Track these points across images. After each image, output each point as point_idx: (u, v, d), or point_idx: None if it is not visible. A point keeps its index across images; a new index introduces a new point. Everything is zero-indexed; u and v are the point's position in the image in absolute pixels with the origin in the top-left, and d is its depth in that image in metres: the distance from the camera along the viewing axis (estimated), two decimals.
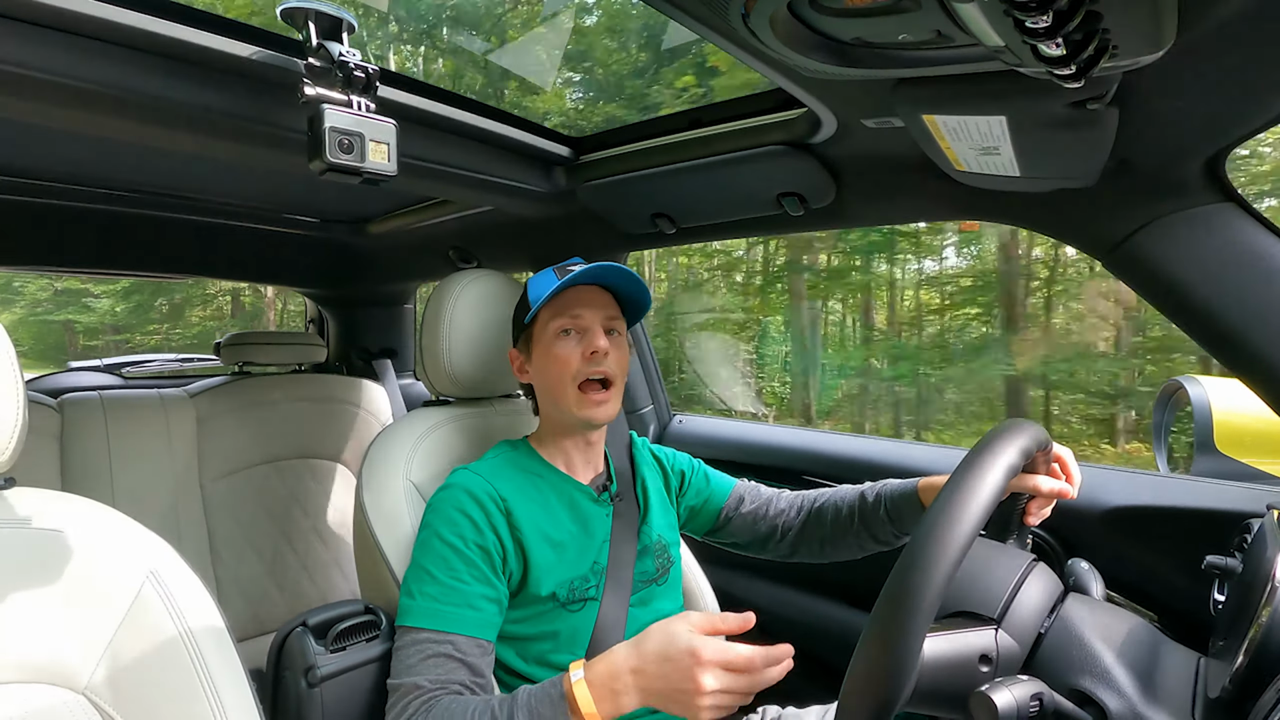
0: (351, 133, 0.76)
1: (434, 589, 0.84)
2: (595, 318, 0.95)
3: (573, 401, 0.93)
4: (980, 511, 0.56)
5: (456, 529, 0.87)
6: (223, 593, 1.61)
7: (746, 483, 1.16)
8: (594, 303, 0.96)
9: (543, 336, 0.96)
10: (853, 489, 1.06)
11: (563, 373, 0.93)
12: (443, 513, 0.89)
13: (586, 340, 0.94)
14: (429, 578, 0.85)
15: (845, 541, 1.04)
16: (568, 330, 0.94)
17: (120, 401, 1.62)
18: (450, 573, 0.84)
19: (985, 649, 0.62)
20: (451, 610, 0.83)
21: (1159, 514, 0.98)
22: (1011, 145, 0.73)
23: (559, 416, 0.98)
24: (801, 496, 1.11)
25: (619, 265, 0.93)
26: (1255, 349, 0.75)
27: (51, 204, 1.48)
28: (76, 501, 0.67)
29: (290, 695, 0.92)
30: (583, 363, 0.93)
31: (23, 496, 0.65)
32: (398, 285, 2.21)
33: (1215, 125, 0.69)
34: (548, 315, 0.95)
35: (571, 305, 0.94)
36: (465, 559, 0.85)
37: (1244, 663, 0.55)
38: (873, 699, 0.54)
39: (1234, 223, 0.76)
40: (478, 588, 0.85)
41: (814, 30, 0.59)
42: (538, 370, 0.98)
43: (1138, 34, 0.49)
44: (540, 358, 0.97)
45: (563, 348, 0.94)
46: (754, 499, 1.13)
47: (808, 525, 1.08)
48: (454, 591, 0.84)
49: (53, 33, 0.68)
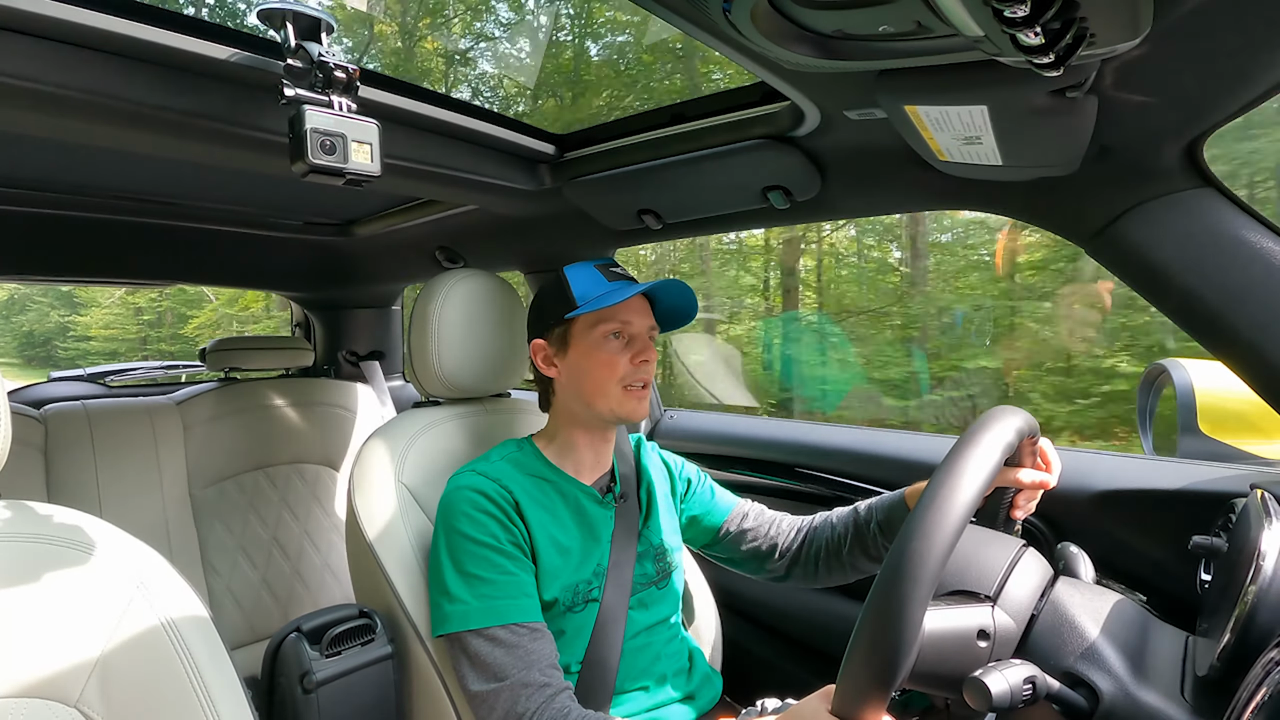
0: (333, 133, 0.75)
1: (487, 588, 0.86)
2: (643, 326, 0.98)
3: (615, 400, 0.96)
4: (978, 483, 0.57)
5: (485, 529, 0.88)
6: (215, 600, 1.60)
7: (750, 503, 1.17)
8: (642, 310, 0.99)
9: (587, 336, 0.97)
10: (847, 509, 1.07)
11: (609, 375, 0.95)
12: (466, 515, 0.89)
13: (635, 347, 0.97)
14: (477, 579, 0.86)
15: (838, 559, 1.04)
16: (617, 334, 0.96)
17: (105, 411, 1.60)
18: (496, 569, 0.87)
19: (983, 624, 0.63)
20: (512, 602, 0.86)
21: (1146, 497, 1.00)
22: (993, 134, 0.73)
23: (586, 414, 0.99)
24: (800, 521, 1.12)
25: (681, 283, 0.98)
26: (1236, 331, 0.76)
27: (28, 211, 1.45)
28: (63, 513, 0.66)
29: (286, 702, 0.92)
30: (630, 368, 0.96)
31: (7, 509, 0.64)
32: (384, 287, 2.20)
33: (1193, 111, 0.70)
34: (594, 317, 0.96)
35: (621, 311, 0.96)
36: (505, 554, 0.88)
37: (1231, 640, 0.56)
38: (874, 673, 0.54)
39: (1213, 207, 0.77)
40: (524, 576, 0.88)
41: (795, 23, 0.59)
42: (574, 368, 0.98)
43: (1115, 22, 0.49)
44: (581, 357, 0.97)
45: (611, 351, 0.96)
46: (756, 518, 1.13)
47: (804, 545, 1.08)
48: (508, 585, 0.86)
49: (26, 38, 0.67)
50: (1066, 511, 1.07)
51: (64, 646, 0.60)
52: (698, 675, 1.04)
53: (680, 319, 1.05)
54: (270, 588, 1.69)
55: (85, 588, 0.62)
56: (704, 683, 1.05)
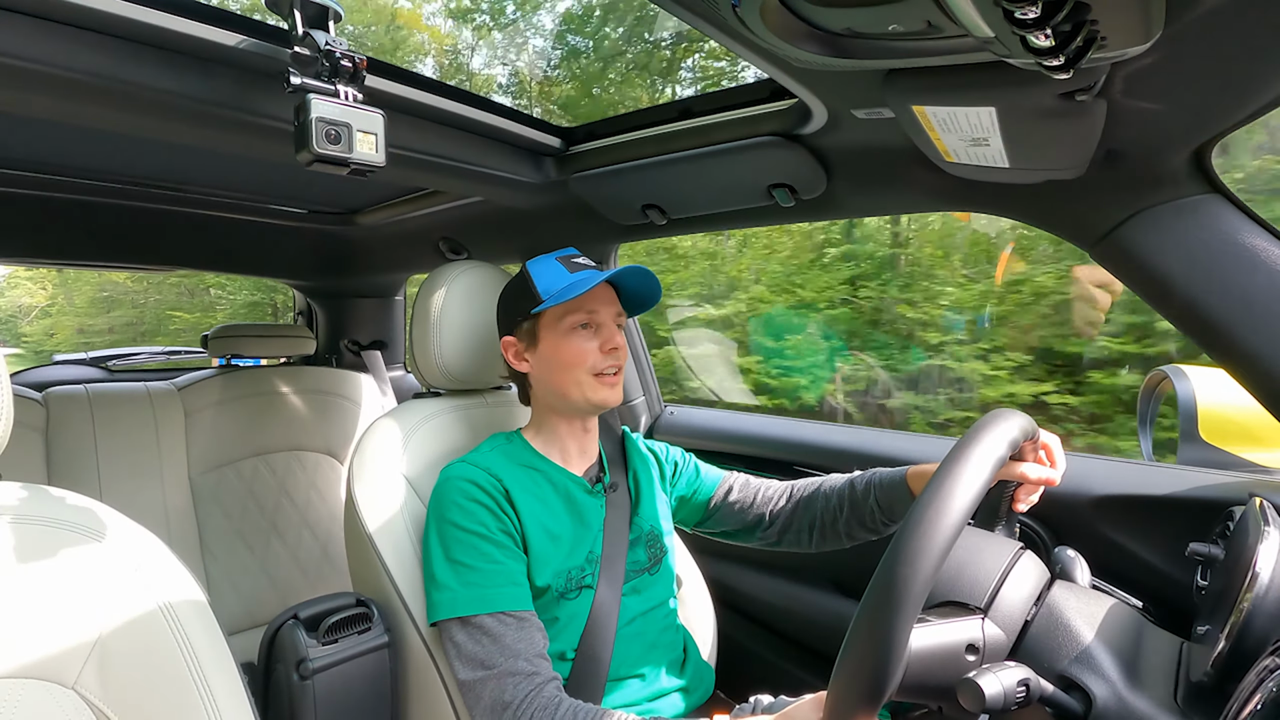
0: (338, 123, 0.75)
1: (475, 576, 0.86)
2: (609, 314, 0.99)
3: (589, 388, 0.97)
4: (967, 504, 0.57)
5: (475, 518, 0.89)
6: (213, 585, 1.61)
7: (736, 474, 1.17)
8: (608, 299, 1.00)
9: (555, 329, 0.98)
10: (842, 477, 1.07)
11: (579, 365, 0.97)
12: (456, 504, 0.90)
13: (603, 336, 0.98)
14: (465, 567, 0.87)
15: (834, 529, 1.05)
16: (585, 324, 0.97)
17: (106, 395, 1.61)
18: (484, 557, 0.87)
19: (972, 639, 0.63)
20: (500, 590, 0.86)
21: (1144, 502, 1.00)
22: (1000, 136, 0.73)
23: (562, 405, 1.00)
24: (791, 485, 1.13)
25: (642, 268, 0.98)
26: (1239, 339, 0.76)
27: (33, 194, 1.45)
28: (63, 496, 0.67)
29: (282, 688, 0.92)
30: (600, 357, 0.97)
31: (7, 491, 0.64)
32: (387, 277, 2.20)
33: (1202, 117, 0.70)
34: (560, 309, 0.97)
35: (587, 301, 0.97)
36: (495, 542, 0.89)
37: (1226, 647, 0.56)
38: (861, 690, 0.54)
39: (1220, 214, 0.77)
40: (513, 565, 0.89)
41: (804, 20, 0.59)
42: (544, 361, 0.99)
43: (1126, 25, 0.49)
44: (551, 350, 0.98)
45: (580, 342, 0.97)
46: (742, 489, 1.14)
47: (796, 512, 1.09)
48: (496, 573, 0.87)
49: (34, 20, 0.66)
50: (1064, 515, 1.07)
51: (62, 629, 0.60)
52: (692, 666, 1.05)
53: (646, 303, 1.06)
54: (268, 574, 1.69)
55: (84, 571, 0.63)
56: (698, 675, 1.05)
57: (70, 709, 0.59)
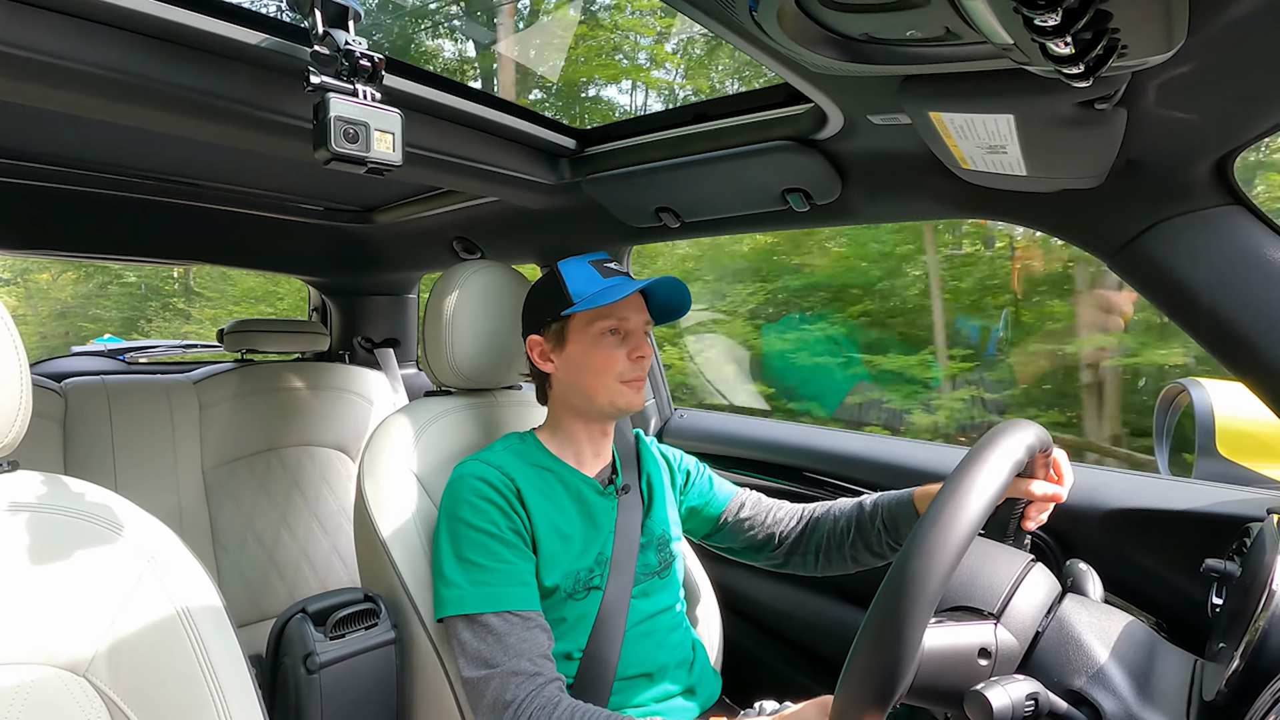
0: (357, 122, 0.76)
1: (483, 574, 0.87)
2: (639, 321, 1.00)
3: (615, 393, 0.98)
4: (985, 504, 0.57)
5: (486, 516, 0.89)
6: (223, 578, 1.62)
7: (749, 492, 1.17)
8: (638, 307, 1.01)
9: (584, 333, 0.98)
10: (850, 501, 1.08)
11: (607, 371, 0.97)
12: (468, 502, 0.91)
13: (631, 343, 0.99)
14: (474, 565, 0.87)
15: (839, 552, 1.05)
16: (614, 330, 0.98)
17: (124, 387, 1.63)
18: (493, 556, 0.88)
19: (985, 643, 0.62)
20: (507, 590, 0.86)
21: (1159, 516, 0.98)
22: (1019, 144, 0.72)
23: (586, 408, 1.01)
24: (802, 508, 1.13)
25: (675, 279, 0.99)
26: (1260, 353, 0.75)
27: (55, 188, 1.48)
28: (80, 486, 0.68)
29: (289, 681, 0.93)
30: (628, 364, 0.98)
31: (25, 480, 0.65)
32: (401, 275, 2.21)
33: (1225, 127, 0.69)
34: (591, 314, 0.97)
35: (619, 308, 0.98)
36: (504, 542, 0.89)
37: (1240, 666, 0.55)
38: (873, 687, 0.54)
39: (1242, 226, 0.76)
40: (522, 565, 0.89)
41: (821, 25, 0.59)
42: (571, 363, 0.99)
43: (1147, 34, 0.48)
44: (580, 354, 0.98)
45: (609, 347, 0.97)
46: (754, 506, 1.14)
47: (804, 534, 1.09)
48: (504, 572, 0.87)
49: (58, 16, 0.67)
50: (1077, 528, 1.05)
51: (76, 617, 0.61)
52: (699, 671, 1.05)
53: (674, 313, 1.06)
54: (278, 568, 1.71)
55: (98, 561, 0.63)
56: (704, 680, 1.05)
57: (81, 697, 0.60)
